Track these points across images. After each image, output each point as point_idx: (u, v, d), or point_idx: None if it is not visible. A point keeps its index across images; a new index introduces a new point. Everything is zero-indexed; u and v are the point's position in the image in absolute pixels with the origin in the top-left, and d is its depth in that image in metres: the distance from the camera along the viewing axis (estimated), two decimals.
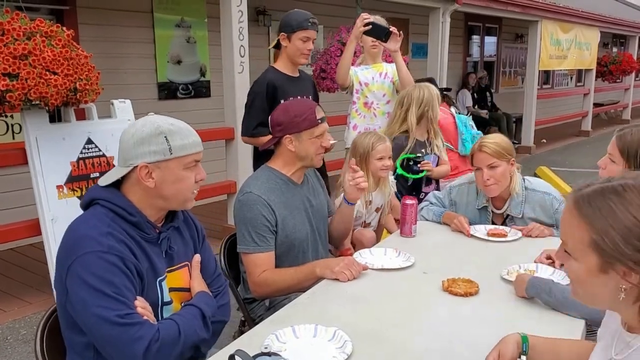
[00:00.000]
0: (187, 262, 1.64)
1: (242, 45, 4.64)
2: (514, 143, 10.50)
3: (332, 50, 5.48)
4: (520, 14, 8.86)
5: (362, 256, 2.19)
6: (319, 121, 2.14)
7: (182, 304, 1.59)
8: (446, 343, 1.54)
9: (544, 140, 10.85)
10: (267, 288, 2.07)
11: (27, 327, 3.33)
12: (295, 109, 2.16)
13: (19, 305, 3.60)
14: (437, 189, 3.20)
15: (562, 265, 1.53)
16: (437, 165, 3.26)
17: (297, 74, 3.23)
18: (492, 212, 2.58)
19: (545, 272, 1.99)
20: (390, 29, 3.32)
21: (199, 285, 1.65)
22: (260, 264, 2.07)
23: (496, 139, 2.47)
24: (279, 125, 2.17)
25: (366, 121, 3.59)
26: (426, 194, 3.08)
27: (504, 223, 2.57)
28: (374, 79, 3.56)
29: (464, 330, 1.62)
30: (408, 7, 7.46)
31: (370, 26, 3.31)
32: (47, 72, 3.08)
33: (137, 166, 1.47)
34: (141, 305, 1.41)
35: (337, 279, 1.95)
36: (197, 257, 1.68)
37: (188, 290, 1.62)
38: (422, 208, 2.70)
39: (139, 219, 1.50)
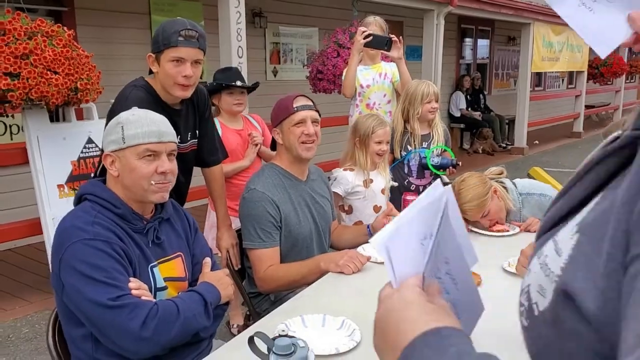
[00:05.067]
0: (180, 253, 1.68)
1: (240, 47, 4.67)
2: (507, 145, 10.65)
3: (328, 52, 5.53)
4: (513, 16, 8.95)
5: (365, 250, 2.22)
6: (295, 109, 2.15)
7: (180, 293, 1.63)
8: None
9: (537, 142, 10.94)
10: (272, 283, 2.10)
11: (29, 325, 3.34)
12: (277, 102, 2.23)
13: (20, 304, 3.60)
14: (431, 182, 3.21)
15: None
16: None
17: (179, 106, 2.24)
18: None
19: None
20: (391, 37, 3.31)
21: (207, 278, 1.69)
22: (265, 260, 2.09)
23: (471, 196, 2.36)
24: (271, 121, 2.23)
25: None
26: (420, 187, 3.15)
27: None
28: (374, 80, 3.55)
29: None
30: (402, 10, 7.53)
31: (371, 37, 3.30)
32: (48, 72, 3.10)
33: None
34: (135, 287, 1.45)
35: (341, 272, 1.99)
36: (207, 260, 1.74)
37: (184, 280, 1.66)
38: None
39: (124, 210, 1.54)
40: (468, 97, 10.17)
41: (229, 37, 4.60)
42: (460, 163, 3.11)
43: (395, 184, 2.86)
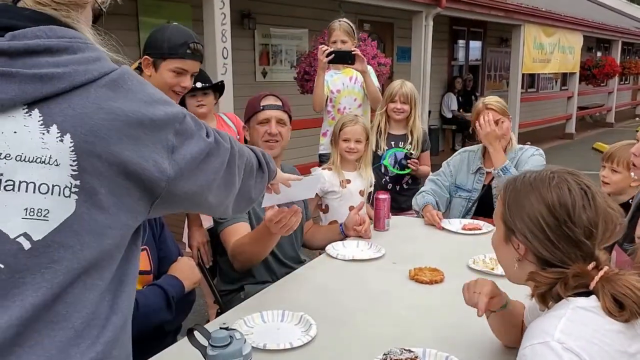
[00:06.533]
0: (145, 247, 1.69)
1: (225, 48, 4.70)
2: None
3: (315, 53, 5.54)
4: (503, 18, 8.99)
5: (335, 248, 2.25)
6: (262, 107, 2.18)
7: (145, 287, 1.64)
8: (407, 328, 1.60)
9: (529, 143, 10.93)
10: (239, 254, 2.06)
11: None
12: (249, 100, 2.28)
13: None
14: (409, 181, 3.24)
15: None
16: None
17: None
18: (486, 172, 2.76)
19: None
20: (353, 52, 3.30)
21: (171, 270, 1.72)
22: (232, 235, 2.08)
23: (496, 98, 2.70)
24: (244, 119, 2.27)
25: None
26: (397, 185, 3.18)
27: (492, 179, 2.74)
28: (344, 84, 3.50)
29: (426, 316, 1.69)
30: (392, 11, 7.57)
31: (333, 55, 3.29)
32: None
33: None
34: None
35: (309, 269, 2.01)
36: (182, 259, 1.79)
37: (149, 273, 1.68)
38: (420, 192, 2.83)
39: None
40: (460, 98, 10.21)
41: (213, 39, 4.63)
42: (412, 152, 3.16)
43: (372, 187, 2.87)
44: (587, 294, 1.05)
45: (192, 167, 0.95)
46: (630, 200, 2.33)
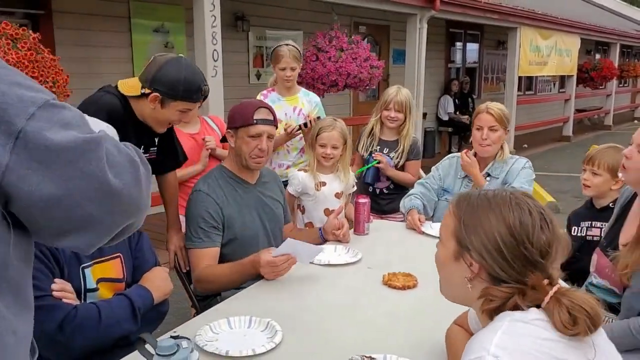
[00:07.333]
0: (119, 254, 1.68)
1: (215, 50, 4.69)
2: None
3: (307, 56, 5.55)
4: (498, 21, 8.98)
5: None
6: (255, 121, 2.14)
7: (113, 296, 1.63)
8: (377, 333, 1.59)
9: (526, 145, 10.97)
10: (207, 283, 2.11)
11: None
12: (240, 105, 2.23)
13: None
14: (390, 186, 3.23)
15: None
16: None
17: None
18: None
19: None
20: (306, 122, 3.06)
21: (142, 280, 1.70)
22: (202, 259, 2.10)
23: (500, 106, 2.71)
24: (228, 121, 2.24)
25: (280, 157, 3.21)
26: (376, 189, 3.16)
27: None
28: (287, 115, 3.16)
29: (397, 322, 1.68)
30: (388, 14, 7.56)
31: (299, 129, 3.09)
32: None
33: None
34: (57, 288, 1.45)
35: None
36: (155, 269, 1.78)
37: (121, 281, 1.66)
38: (408, 195, 2.82)
39: None
40: (456, 100, 10.19)
41: (203, 41, 4.62)
42: (379, 160, 3.11)
43: (354, 188, 2.87)
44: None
45: (45, 159, 0.75)
46: (611, 204, 2.32)
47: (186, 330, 1.59)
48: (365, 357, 1.35)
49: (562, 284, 1.11)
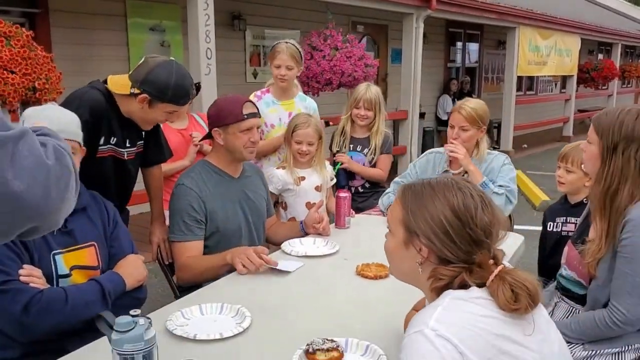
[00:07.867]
0: (93, 243, 1.73)
1: (208, 48, 4.75)
2: (494, 148, 10.65)
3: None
4: (497, 20, 8.99)
5: (291, 245, 2.29)
6: (245, 116, 2.21)
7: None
8: (344, 321, 1.64)
9: (525, 146, 10.98)
10: (188, 272, 2.17)
11: None
12: (223, 103, 2.27)
13: None
14: (365, 185, 3.27)
15: None
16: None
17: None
18: (452, 175, 2.74)
19: None
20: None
21: (116, 267, 1.76)
22: (185, 252, 2.16)
23: (474, 105, 2.62)
24: (209, 119, 2.29)
25: (271, 163, 3.00)
26: (351, 187, 3.19)
27: None
28: (280, 120, 3.02)
29: (366, 311, 1.72)
30: (386, 13, 7.60)
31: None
32: (5, 71, 3.18)
33: None
34: (25, 273, 1.51)
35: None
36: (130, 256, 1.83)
37: (96, 268, 1.71)
38: (386, 193, 2.86)
39: None
40: (455, 100, 10.21)
41: (197, 39, 4.68)
42: (342, 161, 3.12)
43: (334, 181, 2.91)
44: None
45: None
46: (584, 200, 2.36)
47: (158, 316, 1.64)
48: (327, 339, 1.39)
49: (507, 264, 1.15)
